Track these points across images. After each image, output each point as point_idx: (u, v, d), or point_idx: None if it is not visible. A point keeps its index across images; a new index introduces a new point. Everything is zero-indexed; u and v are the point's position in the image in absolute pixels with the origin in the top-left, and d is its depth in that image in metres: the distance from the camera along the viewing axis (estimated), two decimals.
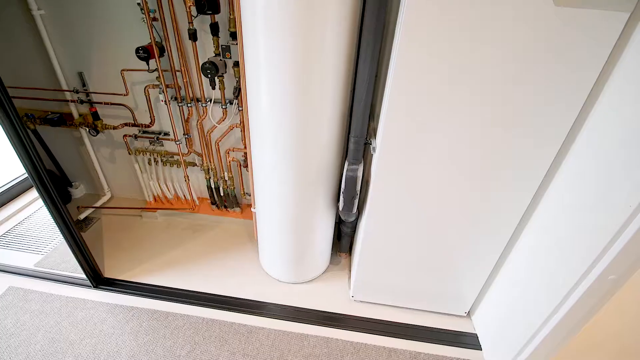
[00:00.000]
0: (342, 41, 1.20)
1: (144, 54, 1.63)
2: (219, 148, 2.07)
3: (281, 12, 1.09)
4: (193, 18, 1.61)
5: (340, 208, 1.58)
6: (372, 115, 1.51)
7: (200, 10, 1.49)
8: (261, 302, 1.82)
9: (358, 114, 1.31)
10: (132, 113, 2.02)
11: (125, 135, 2.10)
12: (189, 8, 1.57)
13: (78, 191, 2.53)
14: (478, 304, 1.70)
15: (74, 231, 1.70)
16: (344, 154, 1.56)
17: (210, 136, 2.03)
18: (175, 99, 1.89)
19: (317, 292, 1.89)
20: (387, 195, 1.40)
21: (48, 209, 1.60)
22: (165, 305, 1.78)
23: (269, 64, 1.21)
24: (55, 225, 1.65)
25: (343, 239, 1.99)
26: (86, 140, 2.19)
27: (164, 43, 1.71)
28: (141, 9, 1.57)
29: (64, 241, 1.70)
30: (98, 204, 2.41)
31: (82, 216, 2.32)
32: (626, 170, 0.93)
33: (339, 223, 1.88)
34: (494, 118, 1.12)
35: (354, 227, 1.83)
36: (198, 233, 2.27)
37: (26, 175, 1.49)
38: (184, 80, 1.81)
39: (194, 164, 2.19)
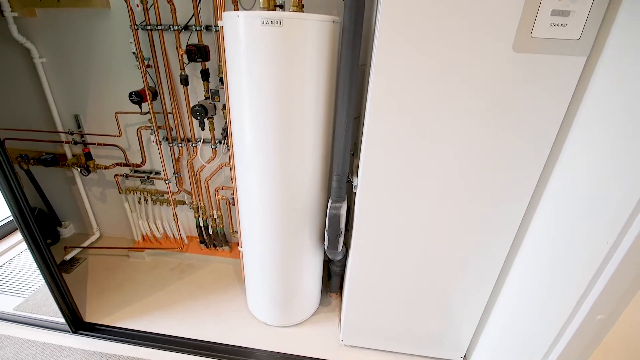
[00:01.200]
0: (320, 84, 1.25)
1: (137, 98, 1.70)
2: (208, 186, 2.09)
3: (261, 62, 1.15)
4: (185, 65, 1.71)
5: (326, 246, 1.56)
6: (357, 153, 1.54)
7: (191, 59, 1.58)
8: (246, 349, 1.73)
9: (338, 153, 1.33)
10: (124, 153, 2.06)
11: (116, 175, 2.12)
12: (181, 56, 1.67)
13: (67, 230, 2.51)
14: (473, 349, 1.61)
15: (57, 274, 1.66)
16: (329, 192, 1.57)
17: (200, 175, 2.06)
18: (167, 139, 1.94)
19: (306, 337, 1.81)
20: (371, 233, 1.38)
21: (31, 252, 1.58)
22: (145, 352, 1.69)
23: (252, 107, 1.26)
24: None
25: (333, 278, 1.94)
26: (78, 180, 2.21)
27: (157, 88, 1.79)
28: (136, 57, 1.67)
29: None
30: (86, 244, 2.38)
31: (68, 257, 2.28)
32: (598, 208, 0.93)
33: (328, 262, 1.84)
34: (470, 154, 1.14)
35: (344, 265, 1.79)
36: (185, 273, 2.21)
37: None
38: (175, 122, 1.87)
39: (184, 203, 2.19)
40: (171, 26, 1.62)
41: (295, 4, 1.19)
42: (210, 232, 2.22)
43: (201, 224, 2.20)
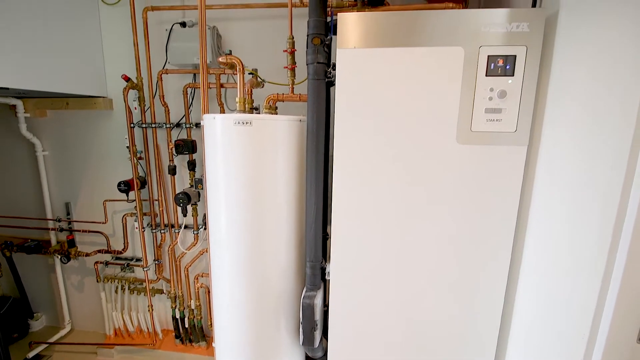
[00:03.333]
0: (292, 174, 1.33)
1: (125, 187, 1.79)
2: (188, 274, 2.03)
3: (235, 156, 1.25)
4: (174, 157, 1.84)
5: (301, 342, 1.43)
6: None
7: (179, 152, 1.71)
8: None
9: (310, 239, 1.33)
10: (108, 240, 2.07)
11: (96, 262, 2.10)
12: (171, 149, 1.81)
13: (38, 323, 2.36)
14: None
15: None
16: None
17: (180, 261, 2.02)
18: (150, 225, 1.97)
19: None
20: (347, 327, 1.29)
21: None
22: None
23: (226, 194, 1.31)
24: None
25: None
26: (58, 268, 2.18)
27: (146, 177, 1.90)
28: (129, 151, 1.81)
29: None
30: (53, 339, 2.21)
31: (31, 354, 2.09)
32: (566, 298, 0.89)
33: None
34: (439, 241, 1.13)
35: None
36: None
37: None
38: (160, 209, 1.93)
39: (162, 292, 2.10)
40: (164, 124, 1.80)
41: (268, 107, 1.35)
42: (187, 325, 2.08)
43: (177, 316, 2.07)
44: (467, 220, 1.10)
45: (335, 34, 1.07)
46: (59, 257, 2.09)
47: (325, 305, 1.48)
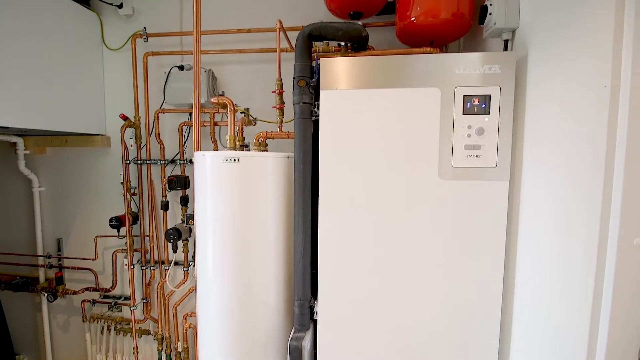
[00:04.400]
0: (280, 209, 1.33)
1: (116, 222, 1.80)
2: (176, 313, 1.97)
3: (223, 191, 1.27)
4: (167, 192, 1.86)
5: None
6: None
7: (172, 188, 1.74)
8: None
9: (298, 276, 1.31)
10: (96, 277, 2.04)
11: (83, 301, 2.04)
12: (164, 185, 1.83)
13: None
14: None
15: None
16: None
17: (169, 300, 1.97)
18: (140, 262, 1.95)
19: None
20: None
21: None
22: None
23: (214, 228, 1.31)
24: None
25: None
26: (44, 307, 2.12)
27: (139, 213, 1.90)
28: (123, 187, 1.84)
29: None
30: None
31: None
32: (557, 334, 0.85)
33: None
34: (426, 278, 1.11)
35: None
36: None
37: None
38: (151, 245, 1.91)
39: (149, 332, 2.03)
40: (159, 160, 1.84)
41: (257, 144, 1.38)
42: None
43: (164, 359, 1.97)
44: (458, 253, 1.09)
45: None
46: (46, 295, 2.05)
47: (316, 347, 1.42)
